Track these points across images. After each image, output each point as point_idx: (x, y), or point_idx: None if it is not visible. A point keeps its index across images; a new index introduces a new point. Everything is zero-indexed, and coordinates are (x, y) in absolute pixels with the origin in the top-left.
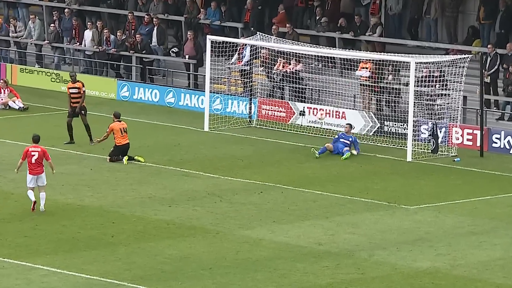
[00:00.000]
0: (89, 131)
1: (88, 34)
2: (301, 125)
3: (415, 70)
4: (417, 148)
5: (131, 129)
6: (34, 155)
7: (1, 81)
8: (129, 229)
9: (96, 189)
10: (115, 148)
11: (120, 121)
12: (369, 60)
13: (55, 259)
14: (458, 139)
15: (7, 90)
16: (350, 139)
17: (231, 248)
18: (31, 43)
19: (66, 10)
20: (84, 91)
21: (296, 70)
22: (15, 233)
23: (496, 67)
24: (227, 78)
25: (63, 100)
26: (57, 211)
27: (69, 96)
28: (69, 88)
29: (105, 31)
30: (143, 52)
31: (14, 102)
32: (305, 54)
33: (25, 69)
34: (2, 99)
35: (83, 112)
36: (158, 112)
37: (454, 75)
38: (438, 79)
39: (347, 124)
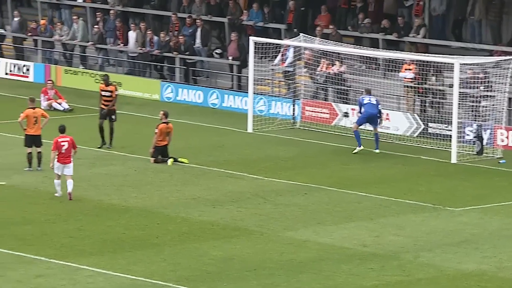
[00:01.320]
0: (112, 135)
1: (131, 35)
2: (345, 127)
3: (459, 71)
4: (462, 150)
5: (174, 130)
6: (64, 145)
7: (49, 81)
8: (173, 230)
9: (140, 190)
10: (155, 149)
11: (167, 123)
12: (413, 61)
13: (101, 259)
14: (503, 141)
15: (53, 92)
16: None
17: (275, 249)
18: (75, 45)
19: (110, 11)
20: (116, 95)
21: (339, 72)
22: (60, 233)
23: None
24: (270, 80)
25: None
26: (102, 212)
27: (100, 97)
28: (101, 90)
29: (148, 32)
30: (187, 53)
31: (59, 104)
32: (348, 56)
33: (70, 70)
34: (47, 100)
35: (113, 117)
36: (202, 113)
37: (499, 76)
38: (482, 80)
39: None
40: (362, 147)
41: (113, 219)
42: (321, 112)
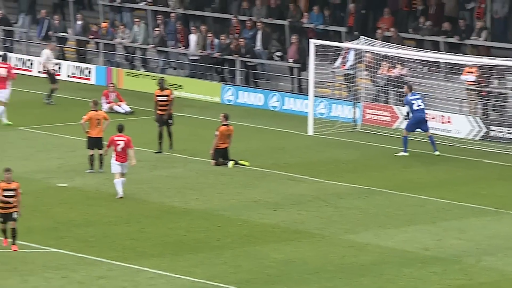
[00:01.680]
0: (172, 138)
1: (192, 38)
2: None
3: None
4: None
5: (235, 133)
6: (119, 143)
7: (110, 84)
8: (234, 233)
9: (201, 192)
10: (215, 151)
11: (227, 126)
12: (475, 64)
13: (162, 261)
14: None
15: (114, 95)
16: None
17: (336, 252)
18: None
19: (171, 14)
20: (173, 98)
21: (400, 75)
22: (122, 235)
23: None
24: (331, 82)
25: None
26: (163, 214)
27: (156, 103)
28: (157, 95)
29: (209, 35)
30: (247, 56)
31: (120, 106)
32: (409, 58)
33: (131, 73)
34: (108, 103)
35: (170, 121)
36: (263, 116)
37: None
38: None
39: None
40: (407, 154)
41: (174, 221)
42: (382, 115)
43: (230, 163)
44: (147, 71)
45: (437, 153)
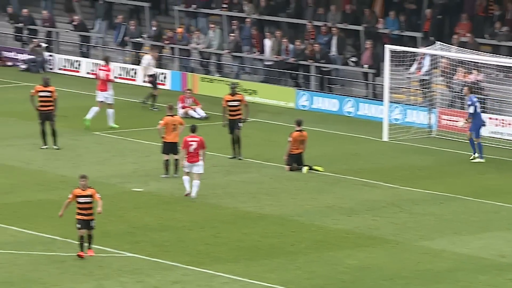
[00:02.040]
0: (240, 144)
1: (267, 44)
2: (482, 136)
3: None
4: None
5: (309, 138)
6: (192, 144)
7: (187, 90)
8: (308, 238)
9: (275, 197)
10: (289, 157)
11: (300, 131)
12: None
13: (236, 267)
14: None
15: (191, 100)
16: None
17: (411, 258)
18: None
19: (246, 19)
20: (246, 104)
21: (476, 80)
22: (196, 240)
23: None
24: (406, 88)
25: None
26: (237, 219)
27: (225, 108)
28: (227, 100)
29: (284, 40)
30: (322, 61)
31: (195, 111)
32: (485, 64)
33: (206, 78)
34: (183, 107)
35: (240, 125)
36: (337, 122)
37: None
38: None
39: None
40: (483, 160)
41: (249, 227)
42: (457, 121)
43: (305, 169)
44: (222, 76)
45: (476, 156)
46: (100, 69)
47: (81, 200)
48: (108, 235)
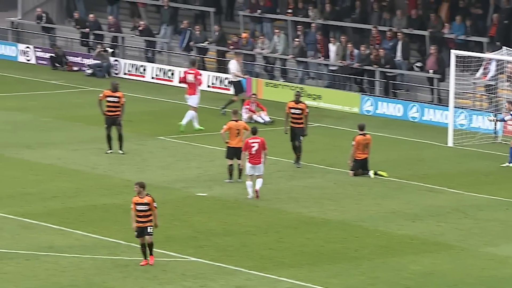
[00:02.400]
0: (300, 152)
1: (332, 49)
2: None
3: None
4: None
5: (374, 143)
6: (254, 146)
7: (253, 95)
8: (372, 244)
9: (339, 203)
10: (355, 162)
11: (364, 135)
12: None
13: (299, 272)
14: None
15: (255, 105)
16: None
17: (476, 265)
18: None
19: (311, 24)
20: (307, 113)
21: None
22: (260, 245)
23: None
24: (472, 93)
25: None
26: (301, 224)
27: (288, 115)
28: (290, 107)
29: (349, 45)
30: (387, 66)
31: (260, 116)
32: None
33: (270, 83)
34: (248, 112)
35: (301, 138)
36: (401, 127)
37: None
38: None
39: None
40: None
41: (312, 232)
42: None
43: (371, 173)
44: (286, 81)
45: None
46: (187, 73)
47: (139, 208)
48: (172, 239)
